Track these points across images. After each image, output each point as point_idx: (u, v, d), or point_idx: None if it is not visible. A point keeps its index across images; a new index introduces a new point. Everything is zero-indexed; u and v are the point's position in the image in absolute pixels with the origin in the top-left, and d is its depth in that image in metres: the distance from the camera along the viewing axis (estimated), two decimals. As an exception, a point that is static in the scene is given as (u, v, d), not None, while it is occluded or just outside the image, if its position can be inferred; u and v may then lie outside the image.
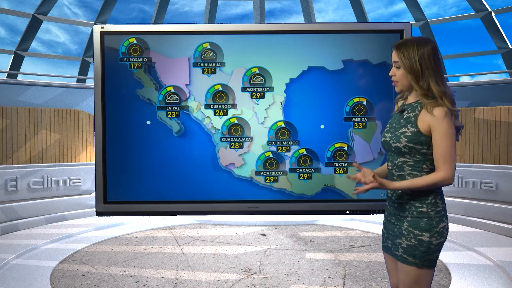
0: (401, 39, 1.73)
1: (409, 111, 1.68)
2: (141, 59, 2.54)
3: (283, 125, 2.57)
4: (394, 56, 1.68)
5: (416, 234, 1.60)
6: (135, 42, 2.54)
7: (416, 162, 1.64)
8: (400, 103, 1.80)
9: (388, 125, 1.79)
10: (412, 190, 1.63)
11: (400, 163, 1.68)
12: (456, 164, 6.28)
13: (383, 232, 1.83)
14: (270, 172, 2.57)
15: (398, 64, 1.67)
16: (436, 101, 1.58)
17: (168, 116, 2.55)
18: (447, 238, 4.94)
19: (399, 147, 1.65)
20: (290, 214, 2.64)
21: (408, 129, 1.64)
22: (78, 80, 8.35)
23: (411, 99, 1.72)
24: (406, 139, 1.63)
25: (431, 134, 1.59)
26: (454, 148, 1.56)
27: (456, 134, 1.64)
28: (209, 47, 2.55)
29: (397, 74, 1.68)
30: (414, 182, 1.61)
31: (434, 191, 1.63)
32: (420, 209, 1.62)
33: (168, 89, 2.55)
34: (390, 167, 1.74)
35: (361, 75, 2.55)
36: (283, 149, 2.58)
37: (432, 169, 1.64)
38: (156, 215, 3.08)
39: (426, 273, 1.61)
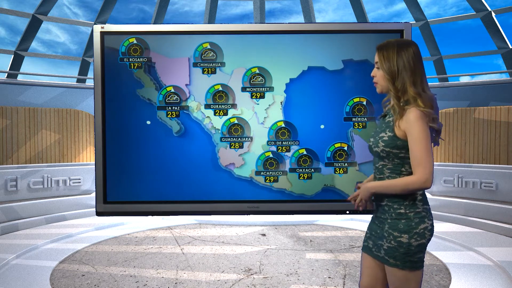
0: (385, 41, 1.72)
1: (390, 116, 1.69)
2: (141, 59, 2.54)
3: (283, 125, 2.57)
4: (376, 57, 1.71)
5: (395, 235, 1.61)
6: (135, 42, 2.54)
7: (394, 165, 1.66)
8: (385, 108, 1.81)
9: (374, 130, 1.83)
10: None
11: (380, 166, 1.71)
12: (456, 164, 6.18)
13: (366, 232, 1.85)
14: (270, 172, 2.57)
15: (378, 65, 1.69)
16: (410, 104, 1.58)
17: (168, 116, 2.55)
18: (447, 238, 4.90)
19: (377, 151, 1.68)
20: (290, 214, 2.64)
21: (386, 133, 1.65)
22: (78, 80, 8.36)
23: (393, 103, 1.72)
24: (383, 144, 1.65)
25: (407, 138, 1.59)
26: (428, 151, 1.53)
27: (436, 136, 1.63)
28: (209, 47, 2.55)
29: (377, 75, 1.70)
30: (387, 183, 1.62)
31: (408, 193, 1.63)
32: (399, 211, 1.63)
33: (168, 89, 2.55)
34: (373, 170, 1.79)
35: (361, 75, 2.55)
36: (283, 149, 2.58)
37: (411, 173, 1.63)
38: (156, 215, 3.08)
39: (410, 275, 1.60)
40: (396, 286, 1.64)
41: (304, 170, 2.58)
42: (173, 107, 2.55)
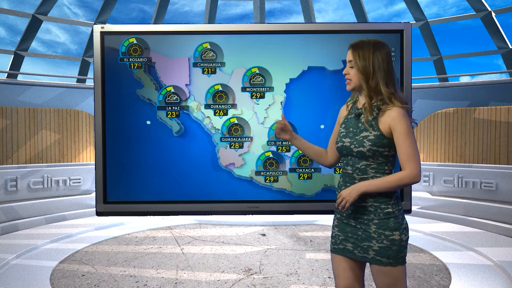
0: (358, 40, 1.74)
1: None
2: (141, 59, 2.54)
3: (283, 125, 2.56)
4: (349, 56, 1.72)
5: (387, 234, 1.62)
6: (135, 42, 2.54)
7: (378, 164, 1.67)
8: (349, 106, 1.83)
9: (342, 130, 1.78)
10: (376, 192, 1.64)
11: (363, 166, 1.68)
12: (456, 164, 6.21)
13: (336, 235, 1.79)
14: (270, 172, 2.57)
15: (352, 63, 1.70)
16: (388, 103, 1.63)
17: (168, 116, 2.55)
18: (447, 238, 4.92)
19: (362, 151, 1.66)
20: (290, 214, 2.64)
21: (371, 132, 1.65)
22: (78, 80, 8.36)
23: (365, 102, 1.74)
24: (370, 143, 1.64)
25: (392, 136, 1.63)
26: (415, 146, 1.60)
27: None
28: (209, 47, 2.55)
29: (351, 73, 1.71)
30: (380, 182, 1.62)
31: (393, 191, 1.66)
32: (387, 210, 1.64)
33: (168, 89, 2.55)
34: (350, 171, 1.73)
35: (361, 75, 2.55)
36: (283, 149, 2.57)
37: (392, 171, 1.69)
38: (156, 215, 3.08)
39: (402, 269, 1.65)
40: (389, 284, 1.65)
41: (304, 170, 2.57)
42: (173, 107, 2.55)
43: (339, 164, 2.46)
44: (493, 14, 7.32)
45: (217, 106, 2.56)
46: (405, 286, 1.67)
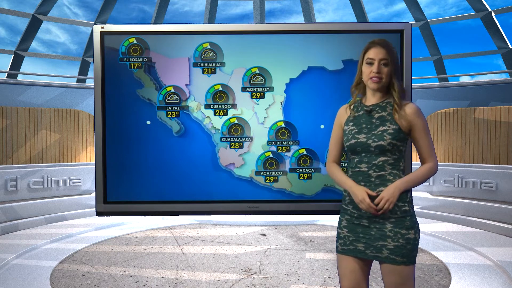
0: (381, 38, 1.77)
1: (379, 111, 1.73)
2: (141, 59, 2.54)
3: (283, 125, 2.56)
4: (381, 54, 1.70)
5: (403, 233, 1.62)
6: (135, 42, 2.54)
7: (395, 160, 1.69)
8: (351, 106, 1.86)
9: (353, 127, 1.77)
10: None
11: (380, 162, 1.68)
12: (456, 164, 6.25)
13: (345, 236, 1.75)
14: (270, 172, 2.57)
15: (386, 61, 1.70)
16: (404, 100, 1.74)
17: (168, 116, 2.55)
18: (447, 238, 4.93)
19: (383, 145, 1.66)
20: (290, 214, 2.63)
21: (389, 126, 1.68)
22: (78, 80, 8.36)
23: (375, 99, 1.77)
24: (390, 137, 1.66)
25: (409, 131, 1.70)
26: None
27: None
28: (209, 47, 2.55)
29: (385, 71, 1.71)
30: (413, 177, 1.67)
31: (409, 189, 1.69)
32: (404, 208, 1.65)
33: (168, 89, 2.55)
34: (365, 169, 1.71)
35: (361, 75, 2.55)
36: (283, 149, 2.57)
37: (405, 167, 1.75)
38: (156, 215, 3.08)
39: (412, 269, 1.65)
40: (398, 284, 1.63)
41: (304, 170, 2.57)
42: (173, 107, 2.55)
43: (345, 164, 2.46)
44: (493, 14, 7.32)
45: (217, 106, 2.55)
46: (413, 286, 1.66)
